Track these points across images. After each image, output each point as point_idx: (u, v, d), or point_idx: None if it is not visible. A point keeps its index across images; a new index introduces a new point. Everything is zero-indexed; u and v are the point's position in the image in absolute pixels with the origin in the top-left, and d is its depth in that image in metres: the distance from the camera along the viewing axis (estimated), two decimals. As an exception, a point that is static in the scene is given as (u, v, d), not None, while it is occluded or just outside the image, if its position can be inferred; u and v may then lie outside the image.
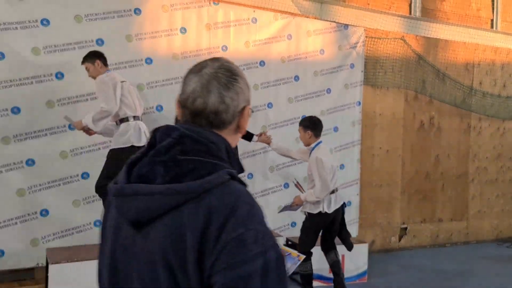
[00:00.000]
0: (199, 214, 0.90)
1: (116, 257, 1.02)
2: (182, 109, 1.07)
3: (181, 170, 0.95)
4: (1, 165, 3.88)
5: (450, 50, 6.40)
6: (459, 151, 6.64)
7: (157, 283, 0.92)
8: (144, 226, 0.95)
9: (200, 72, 1.06)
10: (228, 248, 0.88)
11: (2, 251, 3.90)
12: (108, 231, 1.06)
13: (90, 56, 3.79)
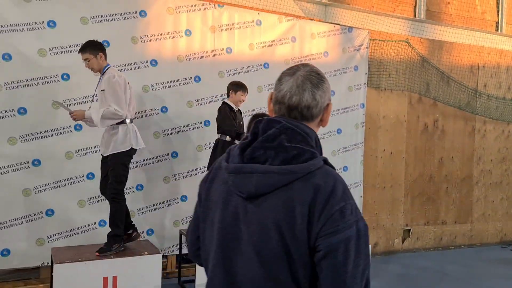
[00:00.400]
0: (307, 191, 1.13)
1: (226, 222, 1.22)
2: (278, 105, 1.28)
3: (288, 155, 1.17)
4: (7, 165, 3.93)
5: (454, 52, 6.39)
6: (464, 153, 6.63)
7: (268, 242, 1.14)
8: (258, 197, 1.17)
9: (295, 74, 1.28)
10: (332, 218, 1.12)
11: (8, 250, 3.95)
12: (215, 202, 1.28)
13: (92, 47, 3.61)
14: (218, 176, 1.31)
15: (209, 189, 1.32)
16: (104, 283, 3.58)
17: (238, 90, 4.23)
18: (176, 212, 4.64)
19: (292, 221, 1.13)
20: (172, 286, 4.37)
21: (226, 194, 1.25)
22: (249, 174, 1.18)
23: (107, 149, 3.66)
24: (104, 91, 3.60)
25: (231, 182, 1.22)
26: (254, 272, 1.16)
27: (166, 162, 4.58)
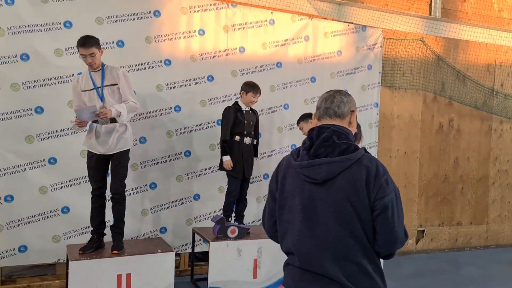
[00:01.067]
0: (361, 171, 1.66)
1: (305, 203, 1.72)
2: (317, 110, 1.84)
3: (340, 148, 1.70)
4: (24, 163, 4.00)
5: (471, 51, 6.30)
6: (480, 153, 6.53)
7: (343, 212, 1.65)
8: (327, 182, 1.67)
9: (328, 92, 1.85)
10: (381, 187, 1.66)
11: (25, 247, 4.02)
12: (290, 192, 1.77)
13: (97, 41, 3.54)
14: (288, 173, 1.80)
15: (283, 185, 1.81)
16: (118, 280, 3.62)
17: (249, 91, 4.24)
18: (189, 210, 4.67)
19: (357, 193, 1.65)
20: (185, 284, 4.40)
21: (300, 184, 1.74)
22: (318, 166, 1.69)
23: (114, 146, 3.61)
24: (119, 85, 3.60)
25: (303, 174, 1.73)
26: (336, 233, 1.66)
27: (179, 161, 4.61)
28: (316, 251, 1.69)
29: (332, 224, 1.66)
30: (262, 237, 4.26)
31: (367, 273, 1.67)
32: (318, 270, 1.69)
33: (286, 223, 1.80)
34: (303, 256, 1.73)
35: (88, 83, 3.58)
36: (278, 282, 4.26)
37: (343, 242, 1.66)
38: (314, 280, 1.70)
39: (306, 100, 5.20)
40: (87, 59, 3.49)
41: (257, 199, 4.98)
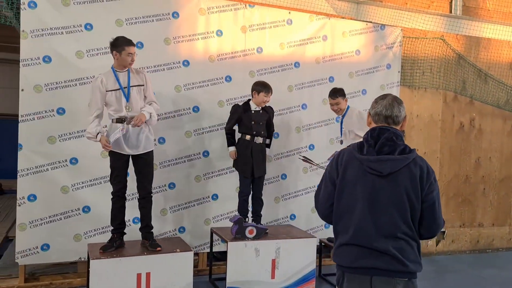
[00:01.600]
0: (417, 169, 2.02)
1: (368, 191, 2.04)
2: (377, 116, 2.14)
3: (400, 148, 2.05)
4: (47, 163, 4.08)
5: (492, 49, 6.18)
6: (502, 154, 6.40)
7: (401, 201, 1.99)
8: (388, 176, 2.01)
9: (386, 98, 2.16)
10: (431, 183, 2.03)
11: (47, 245, 4.10)
12: (350, 181, 2.08)
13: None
14: (350, 165, 2.10)
15: (344, 173, 2.11)
16: (138, 279, 3.67)
17: (261, 91, 4.23)
18: (207, 210, 4.70)
19: (413, 187, 2.01)
20: (203, 284, 4.43)
21: (363, 175, 2.06)
22: (384, 161, 2.03)
23: (143, 147, 3.71)
24: (145, 86, 3.71)
25: (369, 167, 2.04)
26: (392, 218, 2.01)
27: (197, 161, 4.64)
28: (374, 231, 2.02)
29: (390, 210, 2.01)
30: (280, 237, 4.26)
31: (412, 247, 2.05)
32: (373, 246, 2.02)
33: (345, 206, 2.10)
34: (362, 235, 2.04)
35: (114, 83, 3.63)
36: (296, 282, 4.25)
37: (397, 224, 2.01)
38: (370, 254, 2.03)
39: (324, 100, 5.17)
40: (132, 57, 3.63)
41: (275, 199, 4.97)
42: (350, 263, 2.07)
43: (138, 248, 3.84)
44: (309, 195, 5.13)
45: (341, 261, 2.12)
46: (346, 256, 2.09)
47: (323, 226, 5.19)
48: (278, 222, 5.00)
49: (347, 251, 2.08)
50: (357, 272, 2.06)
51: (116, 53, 3.61)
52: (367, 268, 2.03)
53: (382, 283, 2.01)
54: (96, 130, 3.55)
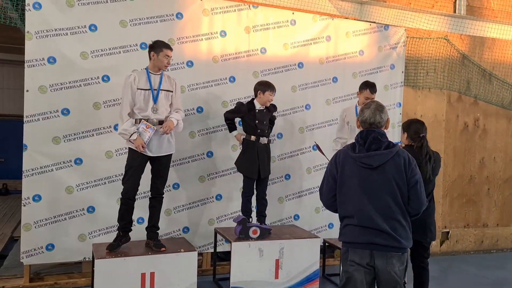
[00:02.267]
0: (400, 159, 2.48)
1: (363, 183, 2.51)
2: (363, 123, 2.62)
3: (384, 144, 2.51)
4: (52, 164, 4.10)
5: (497, 49, 6.16)
6: (507, 154, 6.38)
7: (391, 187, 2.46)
8: (378, 168, 2.47)
9: (370, 107, 2.62)
10: (412, 169, 2.49)
11: (52, 245, 4.13)
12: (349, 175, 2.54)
13: None
14: (346, 162, 2.57)
15: (343, 169, 2.58)
16: (142, 279, 3.68)
17: (267, 90, 4.24)
18: (211, 210, 4.71)
19: (399, 174, 2.48)
20: (207, 283, 4.43)
21: (357, 169, 2.53)
22: (373, 156, 2.50)
23: (164, 149, 3.79)
24: (173, 93, 3.84)
25: (362, 162, 2.51)
26: (385, 201, 2.48)
27: (201, 161, 4.65)
28: (371, 213, 2.48)
29: (383, 195, 2.48)
30: (284, 237, 4.26)
31: (403, 226, 2.51)
32: (372, 226, 2.48)
33: (346, 195, 2.56)
34: (362, 217, 2.50)
35: (146, 83, 3.71)
36: (300, 282, 4.26)
37: (390, 206, 2.48)
38: (370, 232, 2.49)
39: (328, 100, 5.17)
40: (168, 60, 3.77)
41: (279, 199, 4.98)
42: (354, 239, 2.55)
43: (142, 248, 3.85)
44: (313, 196, 5.13)
45: (346, 238, 2.59)
46: (350, 234, 2.56)
47: (327, 226, 5.19)
48: (282, 222, 5.00)
49: (351, 230, 2.55)
50: (359, 247, 2.53)
51: (154, 54, 3.72)
52: (368, 244, 2.50)
53: (380, 256, 2.49)
54: (134, 129, 3.62)
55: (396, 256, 2.49)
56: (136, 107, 3.69)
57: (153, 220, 3.90)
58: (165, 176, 3.91)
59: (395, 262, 2.49)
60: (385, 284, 2.53)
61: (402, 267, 2.52)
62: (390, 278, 2.49)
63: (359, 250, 2.52)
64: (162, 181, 3.90)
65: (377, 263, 2.49)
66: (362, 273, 2.52)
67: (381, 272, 2.50)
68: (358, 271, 2.53)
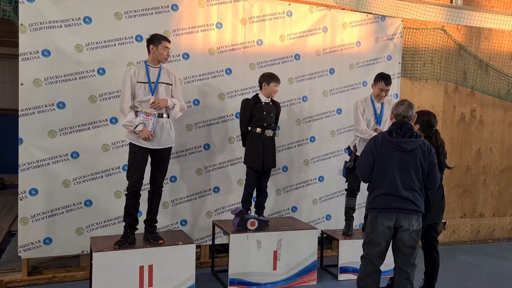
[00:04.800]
0: (425, 147, 3.21)
1: (397, 162, 3.16)
2: (398, 116, 3.29)
3: (414, 134, 3.22)
4: (48, 158, 4.08)
5: (494, 39, 6.15)
6: (503, 144, 6.39)
7: (417, 167, 3.16)
8: (409, 151, 3.16)
9: (404, 103, 3.33)
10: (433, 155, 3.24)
11: (50, 239, 4.12)
12: (384, 155, 3.19)
13: None
14: (384, 144, 3.21)
15: (381, 149, 3.21)
16: (140, 271, 3.69)
17: (271, 81, 4.23)
18: (208, 203, 4.71)
19: (424, 157, 3.17)
20: (206, 276, 4.45)
21: (393, 151, 3.17)
22: (407, 142, 3.16)
23: (165, 141, 3.79)
24: (173, 87, 3.85)
25: (398, 146, 3.15)
26: (412, 178, 3.14)
27: (198, 154, 4.65)
28: (399, 185, 3.14)
29: (410, 172, 3.15)
30: (281, 229, 4.27)
31: (421, 196, 3.20)
32: (399, 195, 3.13)
33: (382, 170, 3.19)
34: (393, 188, 3.14)
35: (144, 76, 3.73)
36: (298, 274, 4.27)
37: (413, 181, 3.16)
38: (397, 200, 3.14)
39: (325, 92, 5.16)
40: (168, 52, 3.79)
41: (276, 191, 4.98)
42: (385, 205, 3.16)
43: (140, 241, 3.86)
44: (310, 187, 5.14)
45: (379, 205, 3.18)
46: (382, 201, 3.17)
47: (325, 218, 5.20)
48: (279, 214, 5.01)
49: (383, 198, 3.17)
50: (389, 211, 3.15)
51: (153, 47, 3.73)
52: (395, 208, 3.14)
53: (404, 218, 3.13)
54: (138, 120, 3.63)
55: (415, 217, 3.15)
56: (136, 100, 3.69)
57: (151, 213, 3.91)
58: (164, 169, 3.91)
59: (414, 223, 3.14)
60: (402, 244, 3.15)
61: (419, 227, 3.16)
62: (410, 238, 3.13)
63: (388, 214, 3.15)
64: (162, 174, 3.90)
65: (402, 224, 3.12)
66: (387, 237, 3.17)
67: (403, 231, 3.13)
68: (384, 234, 3.15)
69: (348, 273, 4.42)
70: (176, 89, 3.88)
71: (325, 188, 5.19)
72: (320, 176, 5.17)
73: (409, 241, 3.13)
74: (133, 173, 3.71)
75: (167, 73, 3.86)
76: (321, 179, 5.18)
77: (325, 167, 5.16)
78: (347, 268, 4.44)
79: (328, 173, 5.15)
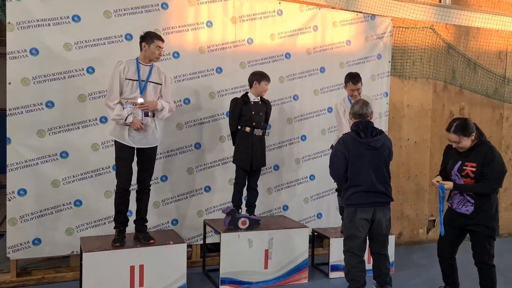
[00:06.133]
0: (388, 142, 3.59)
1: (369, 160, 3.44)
2: (355, 115, 3.60)
3: (378, 132, 3.53)
4: (37, 157, 4.04)
5: (482, 38, 6.21)
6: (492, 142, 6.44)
7: (385, 162, 3.51)
8: (378, 148, 3.47)
9: (358, 103, 3.63)
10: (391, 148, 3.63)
11: (39, 240, 4.08)
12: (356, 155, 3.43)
13: None
14: (354, 145, 3.42)
15: (353, 150, 3.41)
16: (131, 271, 3.67)
17: (262, 80, 4.23)
18: (200, 202, 4.70)
19: (388, 151, 3.53)
20: (197, 275, 4.44)
21: (364, 150, 3.42)
22: (376, 140, 3.45)
23: (150, 141, 3.77)
24: (162, 86, 3.82)
25: (368, 145, 3.42)
26: (383, 173, 3.48)
27: (189, 153, 4.63)
28: (374, 181, 3.42)
29: (381, 167, 3.47)
30: (273, 228, 4.27)
31: (390, 187, 3.54)
32: (375, 190, 3.43)
33: (356, 169, 3.42)
34: (369, 184, 3.42)
35: (134, 74, 3.69)
36: (289, 272, 4.28)
37: (384, 175, 3.48)
38: (373, 195, 3.43)
39: (315, 90, 5.17)
40: (160, 52, 3.75)
41: (267, 190, 4.98)
42: (363, 201, 3.42)
43: (131, 241, 3.84)
44: (301, 186, 5.15)
45: (358, 201, 3.42)
46: (360, 198, 3.42)
47: (316, 216, 5.22)
48: (271, 213, 5.02)
49: (359, 195, 3.42)
50: (366, 206, 3.43)
51: (145, 45, 3.70)
52: (372, 203, 3.44)
53: (379, 210, 3.47)
54: (126, 112, 3.60)
55: (387, 207, 3.54)
56: (122, 96, 3.66)
57: (141, 213, 3.89)
58: (151, 168, 3.90)
59: (386, 212, 3.53)
60: (379, 233, 3.52)
61: (389, 215, 3.57)
62: (386, 226, 3.53)
63: (366, 208, 3.43)
64: (149, 173, 3.89)
65: (378, 215, 3.45)
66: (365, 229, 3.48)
67: (378, 222, 3.47)
68: (363, 226, 3.45)
69: (339, 271, 4.44)
70: (165, 89, 3.86)
71: (316, 187, 5.21)
72: (311, 175, 5.18)
73: (386, 230, 3.54)
74: (121, 170, 3.70)
75: (158, 72, 3.83)
76: (312, 178, 5.19)
77: (316, 165, 5.17)
78: (338, 266, 4.46)
79: (319, 172, 5.16)
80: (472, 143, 3.54)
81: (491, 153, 3.49)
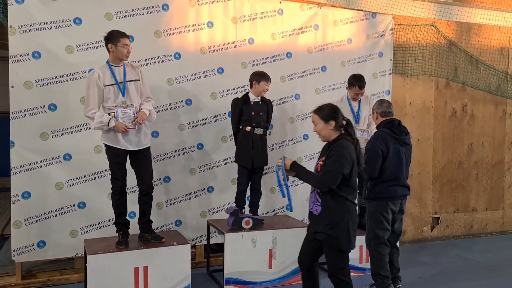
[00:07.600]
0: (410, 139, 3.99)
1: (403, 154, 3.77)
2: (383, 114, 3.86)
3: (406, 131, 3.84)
4: (40, 160, 4.06)
5: (484, 34, 6.19)
6: (494, 139, 6.45)
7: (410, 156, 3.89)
8: (409, 144, 3.85)
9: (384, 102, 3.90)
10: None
11: (43, 242, 4.09)
12: (394, 150, 3.70)
13: None
14: (390, 142, 3.68)
15: (388, 147, 3.66)
16: (135, 273, 3.68)
17: (261, 80, 4.23)
18: (203, 203, 4.70)
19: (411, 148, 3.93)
20: (201, 276, 4.45)
21: (399, 145, 3.73)
22: (408, 138, 3.82)
23: (145, 141, 3.75)
24: (140, 81, 3.73)
25: (402, 141, 3.74)
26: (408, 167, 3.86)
27: (192, 154, 4.64)
28: (404, 175, 3.78)
29: (408, 163, 3.82)
30: (276, 227, 4.28)
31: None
32: (403, 184, 3.76)
33: (396, 164, 3.71)
34: (401, 178, 3.73)
35: (111, 78, 3.60)
36: (293, 271, 4.28)
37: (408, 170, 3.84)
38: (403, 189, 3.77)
39: (317, 89, 5.17)
40: (128, 49, 3.62)
41: (270, 189, 4.99)
42: (395, 194, 3.71)
43: (135, 242, 3.84)
44: (305, 185, 5.13)
45: (390, 194, 3.69)
46: (392, 191, 3.70)
47: (319, 215, 5.21)
48: (274, 213, 5.02)
49: (393, 189, 3.70)
50: (397, 198, 3.73)
51: (112, 46, 3.58)
52: (402, 195, 3.76)
53: (404, 202, 3.82)
54: (107, 117, 3.52)
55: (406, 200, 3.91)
56: (107, 104, 3.58)
57: (146, 215, 3.88)
58: (150, 169, 3.84)
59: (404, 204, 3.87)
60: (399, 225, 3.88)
61: None
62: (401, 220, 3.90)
63: (397, 201, 3.73)
64: (148, 174, 3.82)
65: (402, 207, 3.80)
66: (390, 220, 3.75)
67: (400, 213, 3.82)
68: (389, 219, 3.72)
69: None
70: (143, 84, 3.75)
71: (319, 186, 5.20)
72: (313, 174, 5.17)
73: (400, 223, 3.90)
74: (116, 174, 3.66)
75: (132, 68, 3.73)
76: (315, 177, 5.18)
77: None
78: (342, 265, 4.46)
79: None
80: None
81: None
